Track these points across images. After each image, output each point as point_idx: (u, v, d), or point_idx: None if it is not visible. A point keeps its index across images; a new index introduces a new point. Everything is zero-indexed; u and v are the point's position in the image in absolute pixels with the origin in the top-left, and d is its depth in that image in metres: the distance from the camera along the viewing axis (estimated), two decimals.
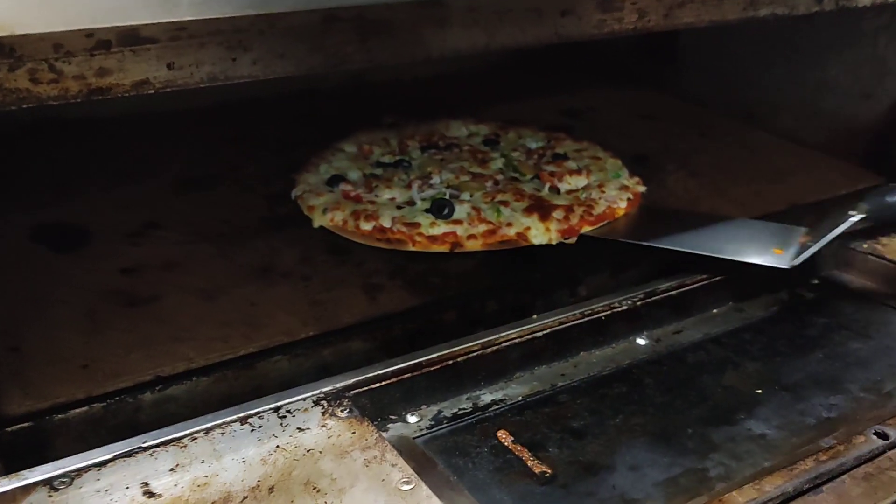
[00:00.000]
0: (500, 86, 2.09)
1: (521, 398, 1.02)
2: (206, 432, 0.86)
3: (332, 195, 1.37)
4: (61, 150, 1.61)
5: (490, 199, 1.36)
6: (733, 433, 0.97)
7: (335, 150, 1.56)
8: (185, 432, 0.86)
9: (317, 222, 1.31)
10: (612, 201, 1.36)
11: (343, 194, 1.38)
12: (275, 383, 0.98)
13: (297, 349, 1.01)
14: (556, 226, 1.27)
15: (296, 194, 1.40)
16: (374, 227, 1.27)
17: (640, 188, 1.44)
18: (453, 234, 1.25)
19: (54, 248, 1.24)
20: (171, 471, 0.83)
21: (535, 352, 1.07)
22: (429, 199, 1.34)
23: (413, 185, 1.39)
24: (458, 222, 1.28)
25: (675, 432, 0.97)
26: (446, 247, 1.24)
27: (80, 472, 0.81)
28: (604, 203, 1.35)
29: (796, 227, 1.27)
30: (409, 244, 1.25)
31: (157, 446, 0.84)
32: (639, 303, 1.15)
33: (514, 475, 0.89)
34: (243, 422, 0.88)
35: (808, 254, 1.19)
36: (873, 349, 1.14)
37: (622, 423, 0.98)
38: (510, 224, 1.27)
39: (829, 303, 1.26)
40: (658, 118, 1.89)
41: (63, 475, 0.80)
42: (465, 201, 1.34)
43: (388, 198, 1.37)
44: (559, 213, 1.30)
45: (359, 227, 1.27)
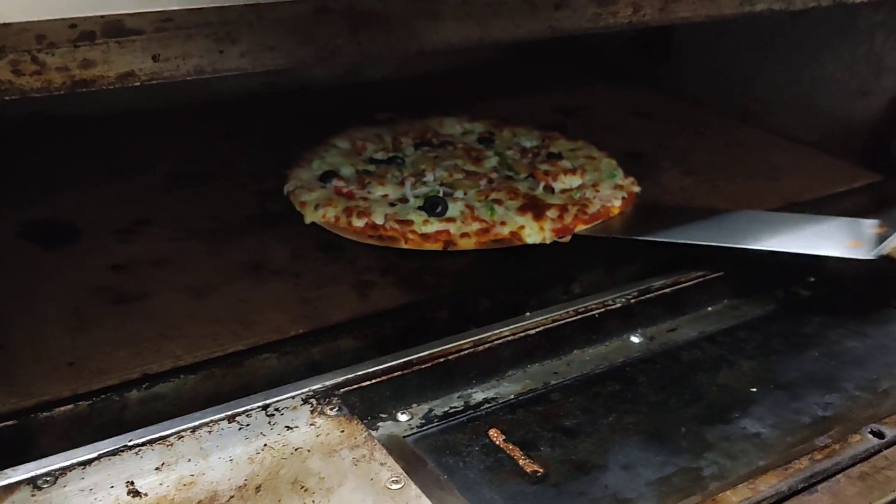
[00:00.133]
0: (494, 83, 2.08)
1: (513, 396, 1.01)
2: (193, 431, 0.85)
3: (325, 191, 1.36)
4: (52, 146, 1.60)
5: (484, 197, 1.35)
6: (728, 432, 0.96)
7: (328, 145, 1.54)
8: (172, 431, 0.85)
9: (309, 218, 1.30)
10: (606, 200, 1.35)
11: (336, 190, 1.37)
12: (264, 381, 0.97)
13: (287, 347, 1.00)
14: (550, 225, 1.26)
15: (288, 190, 1.38)
16: (366, 224, 1.25)
17: (634, 188, 1.43)
18: (446, 232, 1.24)
19: (43, 245, 1.23)
20: (157, 469, 0.82)
21: (527, 350, 1.06)
22: (422, 196, 1.33)
23: (406, 182, 1.38)
24: (451, 220, 1.26)
25: (669, 431, 0.96)
26: (439, 245, 1.23)
27: (64, 470, 0.80)
28: (598, 202, 1.34)
29: (860, 220, 1.26)
30: (401, 242, 1.23)
31: (143, 445, 0.83)
32: (633, 300, 1.14)
33: (506, 474, 0.88)
34: (231, 420, 0.87)
35: (889, 242, 1.18)
36: (869, 347, 1.13)
37: (615, 422, 0.97)
38: (504, 223, 1.26)
39: (826, 301, 1.25)
40: (653, 116, 1.89)
41: (47, 474, 0.79)
42: (458, 199, 1.33)
43: (381, 194, 1.35)
44: (553, 212, 1.29)
45: (351, 224, 1.26)
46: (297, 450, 0.85)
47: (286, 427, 0.88)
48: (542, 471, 0.88)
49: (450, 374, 1.01)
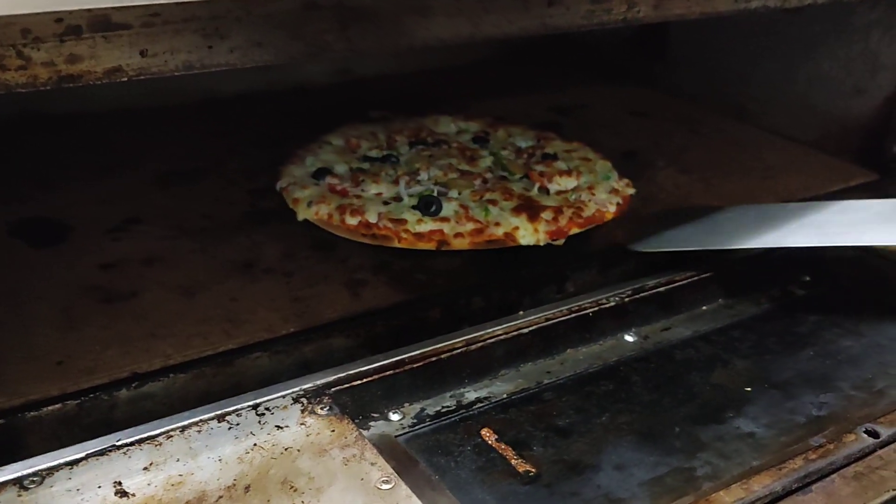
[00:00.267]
0: (489, 81, 2.08)
1: (505, 396, 1.01)
2: (182, 430, 0.84)
3: (318, 188, 1.35)
4: (43, 143, 1.58)
5: (478, 197, 1.34)
6: (721, 432, 0.95)
7: (322, 142, 1.54)
8: (161, 430, 0.84)
9: (301, 215, 1.29)
10: (601, 205, 1.34)
11: (329, 188, 1.36)
12: (254, 380, 0.96)
13: (278, 346, 0.99)
14: (544, 227, 1.25)
15: (281, 186, 1.38)
16: (359, 222, 1.25)
17: (629, 191, 1.42)
18: (440, 231, 1.23)
19: (32, 243, 1.22)
20: (145, 469, 0.81)
21: (520, 349, 1.06)
22: (416, 195, 1.32)
23: (401, 180, 1.37)
24: (445, 220, 1.26)
25: (663, 431, 0.95)
26: (433, 244, 1.22)
27: (51, 470, 0.79)
28: (593, 206, 1.33)
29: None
30: (394, 241, 1.23)
31: (132, 444, 0.82)
32: (627, 299, 1.14)
33: (498, 474, 0.87)
34: (221, 419, 0.86)
35: None
36: (864, 347, 1.12)
37: (608, 422, 0.96)
38: (498, 223, 1.25)
39: (821, 300, 1.25)
40: (648, 114, 1.88)
41: (33, 474, 0.78)
42: (452, 199, 1.32)
43: (374, 193, 1.34)
44: (548, 213, 1.28)
45: (344, 222, 1.25)
46: (286, 449, 0.84)
47: (276, 426, 0.87)
48: (534, 471, 0.88)
49: (442, 374, 1.00)
